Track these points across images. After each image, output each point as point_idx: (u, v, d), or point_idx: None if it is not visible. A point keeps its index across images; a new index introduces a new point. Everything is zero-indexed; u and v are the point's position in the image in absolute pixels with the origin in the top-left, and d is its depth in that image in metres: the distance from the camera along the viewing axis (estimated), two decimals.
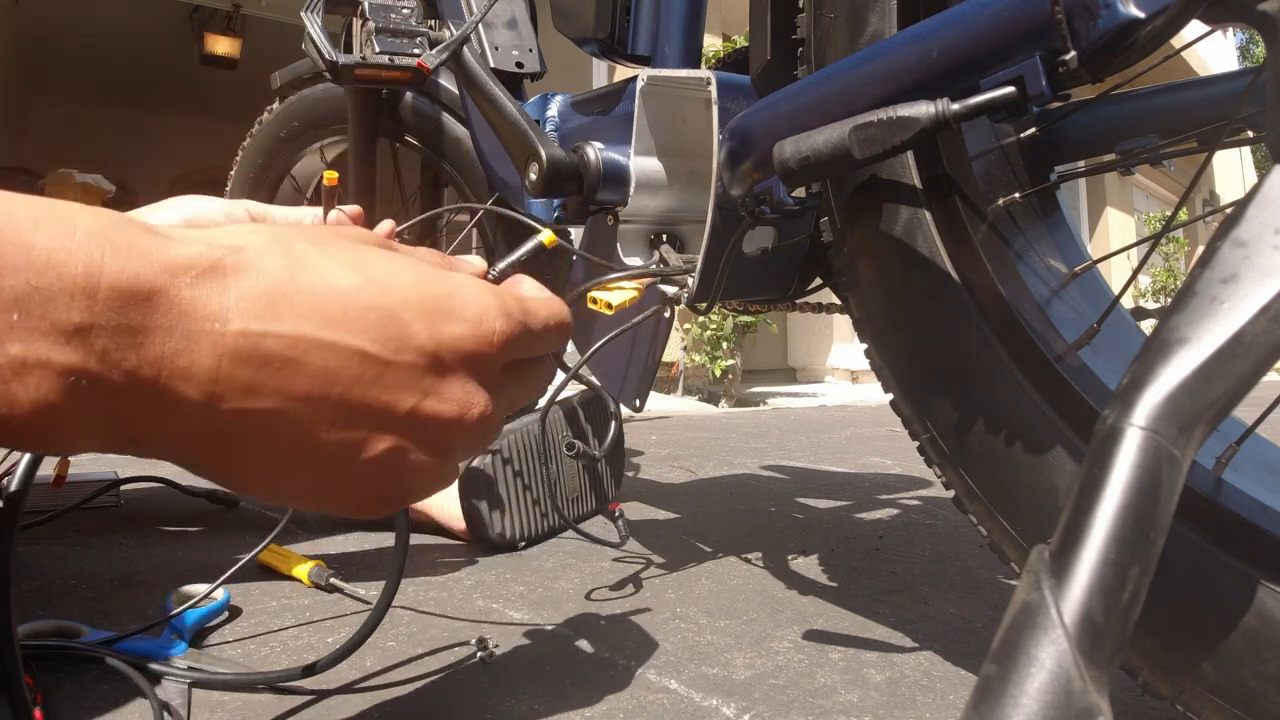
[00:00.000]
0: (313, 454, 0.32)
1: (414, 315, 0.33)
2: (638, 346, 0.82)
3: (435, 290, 0.34)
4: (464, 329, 0.34)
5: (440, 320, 0.33)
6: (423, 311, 0.33)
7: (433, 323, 0.33)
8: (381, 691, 0.56)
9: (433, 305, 0.33)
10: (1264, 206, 0.33)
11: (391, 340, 0.32)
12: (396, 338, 0.32)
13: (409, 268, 0.34)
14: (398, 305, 0.32)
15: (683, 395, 4.07)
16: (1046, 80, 0.38)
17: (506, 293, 0.37)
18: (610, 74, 4.12)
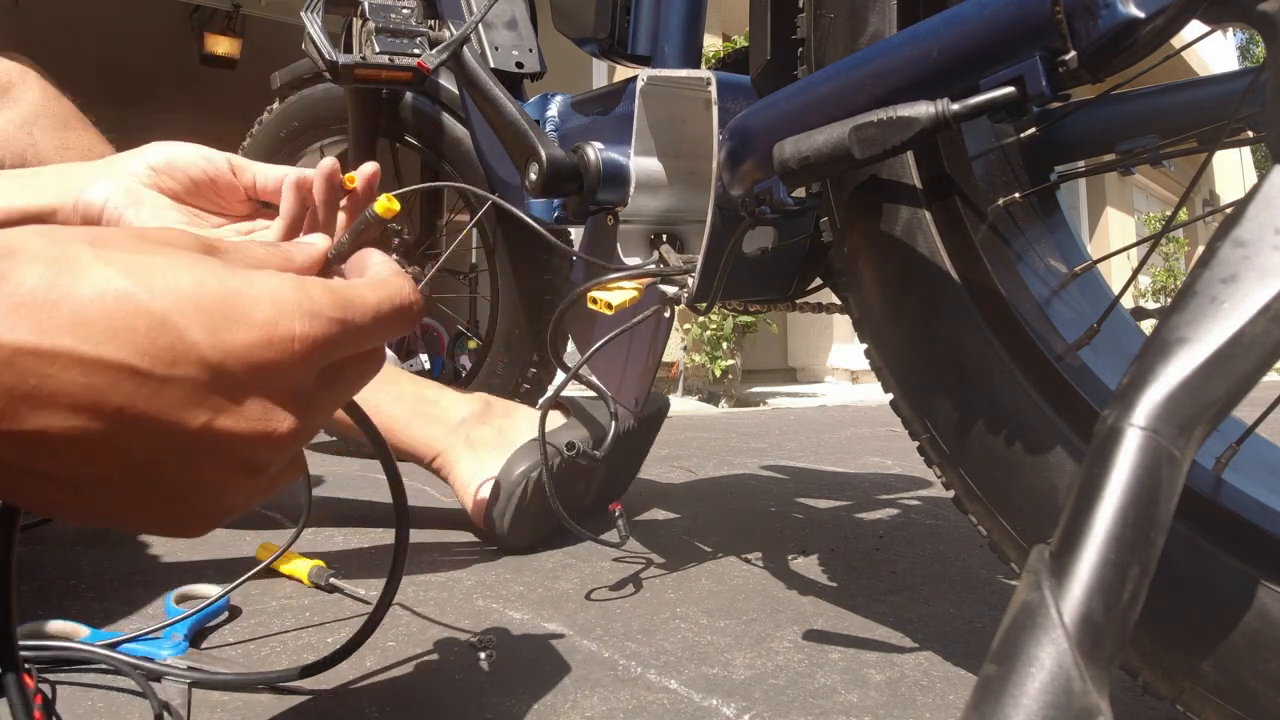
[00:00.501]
0: (106, 481, 0.29)
1: (191, 322, 0.28)
2: (638, 347, 0.82)
3: (218, 290, 0.29)
4: (254, 335, 0.29)
5: (224, 327, 0.28)
6: (202, 317, 0.28)
7: (214, 330, 0.28)
8: (381, 691, 0.56)
9: (214, 309, 0.28)
10: (1264, 206, 0.33)
11: (164, 352, 0.27)
12: (170, 349, 0.27)
13: (191, 266, 0.29)
14: (170, 311, 0.28)
15: (683, 395, 4.07)
16: (1046, 80, 0.38)
17: (315, 287, 0.31)
18: (610, 74, 4.12)
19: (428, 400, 0.95)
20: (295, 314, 0.30)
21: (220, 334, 0.28)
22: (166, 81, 6.29)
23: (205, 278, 0.29)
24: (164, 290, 0.28)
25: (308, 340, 0.30)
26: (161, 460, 0.29)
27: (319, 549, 0.90)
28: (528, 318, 1.13)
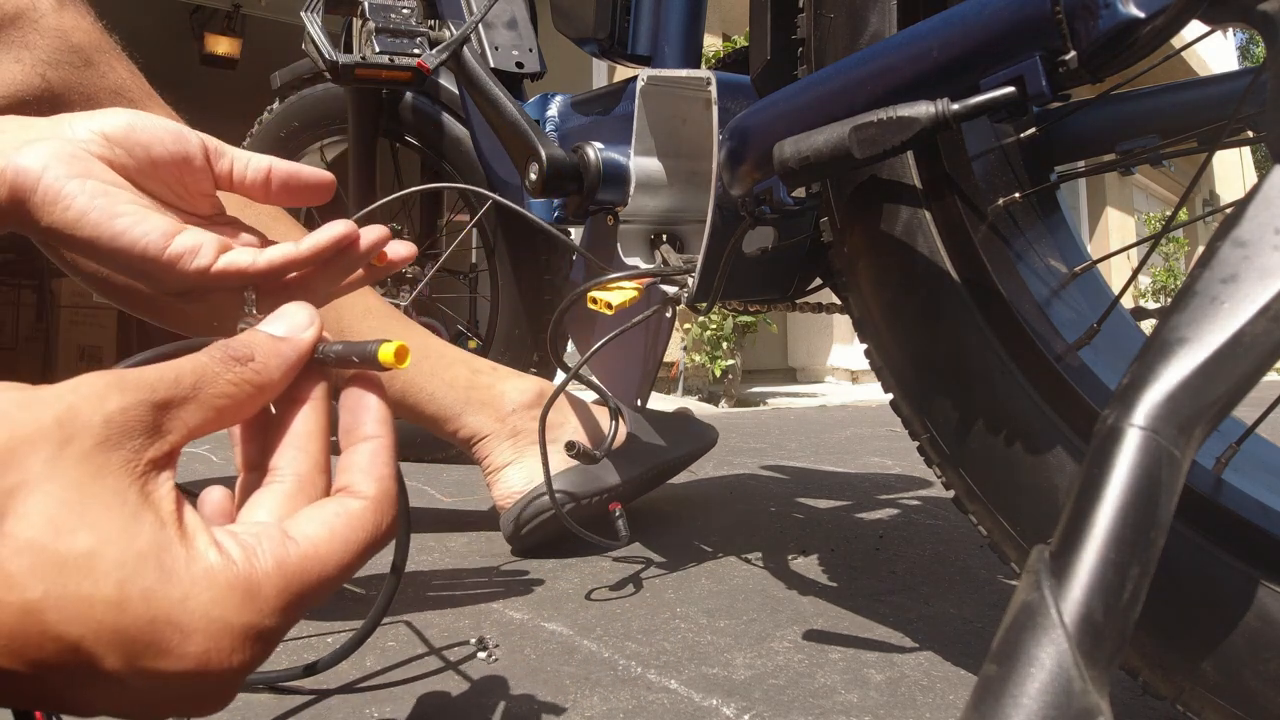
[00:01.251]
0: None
1: (108, 648, 0.23)
2: (639, 347, 0.82)
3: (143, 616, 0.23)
4: (184, 665, 0.24)
5: (148, 656, 0.24)
6: (120, 644, 0.23)
7: (135, 659, 0.24)
8: (381, 691, 0.56)
9: (139, 636, 0.23)
10: (1264, 206, 0.33)
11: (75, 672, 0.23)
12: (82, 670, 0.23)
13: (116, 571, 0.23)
14: (87, 635, 0.23)
15: (683, 395, 4.07)
16: (1046, 80, 0.38)
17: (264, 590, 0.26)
18: (610, 74, 4.12)
19: (481, 386, 0.92)
20: (233, 645, 0.25)
21: (143, 663, 0.24)
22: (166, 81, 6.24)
23: (129, 596, 0.23)
24: (77, 613, 0.23)
25: (249, 662, 0.26)
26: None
27: None
28: (528, 318, 1.13)
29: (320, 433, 0.32)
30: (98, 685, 0.24)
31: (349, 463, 0.31)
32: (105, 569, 0.23)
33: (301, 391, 0.32)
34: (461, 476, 1.35)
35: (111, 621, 0.23)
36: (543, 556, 0.90)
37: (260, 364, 0.29)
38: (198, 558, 0.25)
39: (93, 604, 0.23)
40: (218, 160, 0.41)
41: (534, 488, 0.88)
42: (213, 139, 0.41)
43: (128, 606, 0.23)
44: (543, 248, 1.11)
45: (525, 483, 0.89)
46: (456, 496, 1.23)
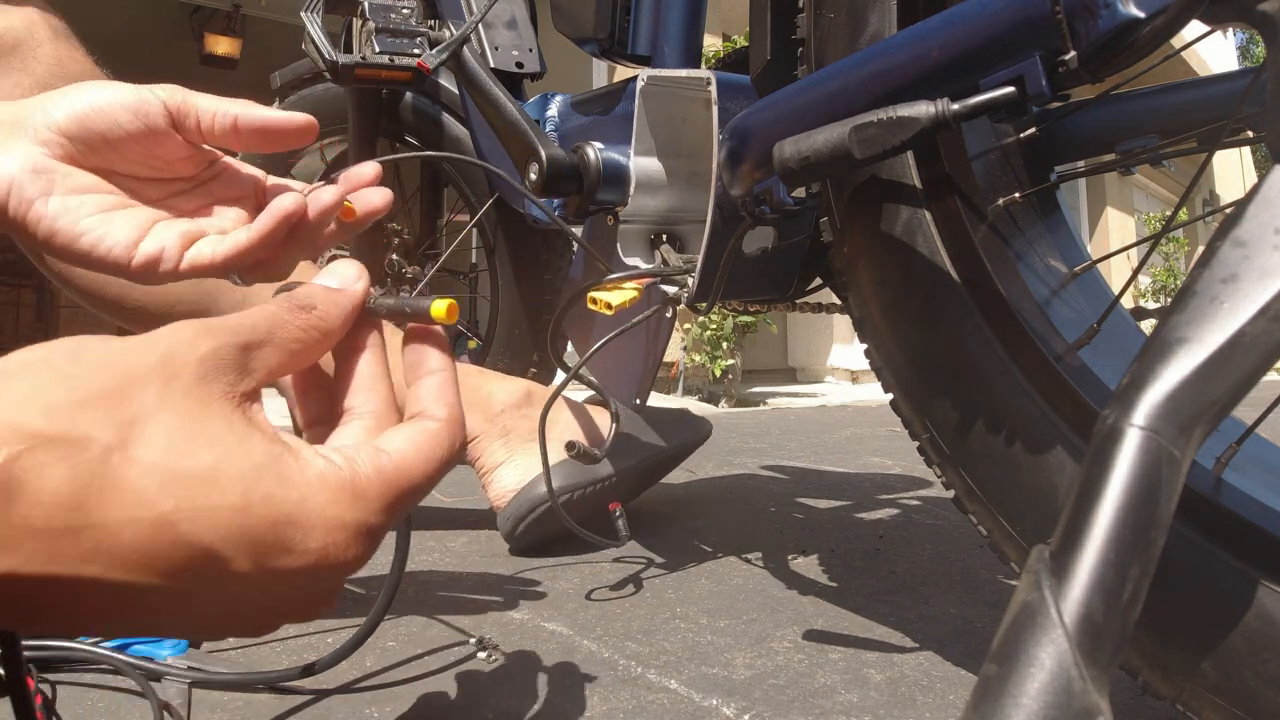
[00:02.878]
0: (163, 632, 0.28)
1: (237, 549, 0.26)
2: (638, 347, 0.82)
3: (266, 518, 0.26)
4: (306, 561, 0.27)
5: (273, 554, 0.26)
6: (249, 545, 0.26)
7: (263, 557, 0.26)
8: (381, 691, 0.56)
9: (265, 537, 0.26)
10: (1264, 206, 0.33)
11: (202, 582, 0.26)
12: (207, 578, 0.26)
13: (240, 480, 0.26)
14: (217, 541, 0.25)
15: (683, 395, 4.07)
16: (1046, 80, 0.38)
17: (369, 492, 0.29)
18: (610, 74, 4.12)
19: (468, 388, 0.94)
20: (348, 540, 0.28)
21: (269, 562, 0.26)
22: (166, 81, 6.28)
23: (253, 498, 0.26)
24: (208, 521, 0.25)
25: (361, 557, 0.29)
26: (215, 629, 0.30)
27: None
28: (528, 318, 1.13)
29: (384, 375, 0.34)
30: (225, 590, 0.26)
31: (418, 394, 0.33)
32: (228, 480, 0.25)
33: (359, 340, 0.34)
34: (461, 477, 1.35)
35: (239, 525, 0.25)
36: (543, 556, 0.90)
37: (322, 311, 0.32)
38: (308, 465, 0.27)
39: (220, 511, 0.25)
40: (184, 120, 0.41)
41: (527, 484, 0.88)
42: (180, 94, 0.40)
43: (252, 511, 0.26)
44: (542, 248, 1.11)
45: (519, 481, 0.89)
46: (456, 496, 1.23)
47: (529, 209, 0.91)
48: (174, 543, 0.25)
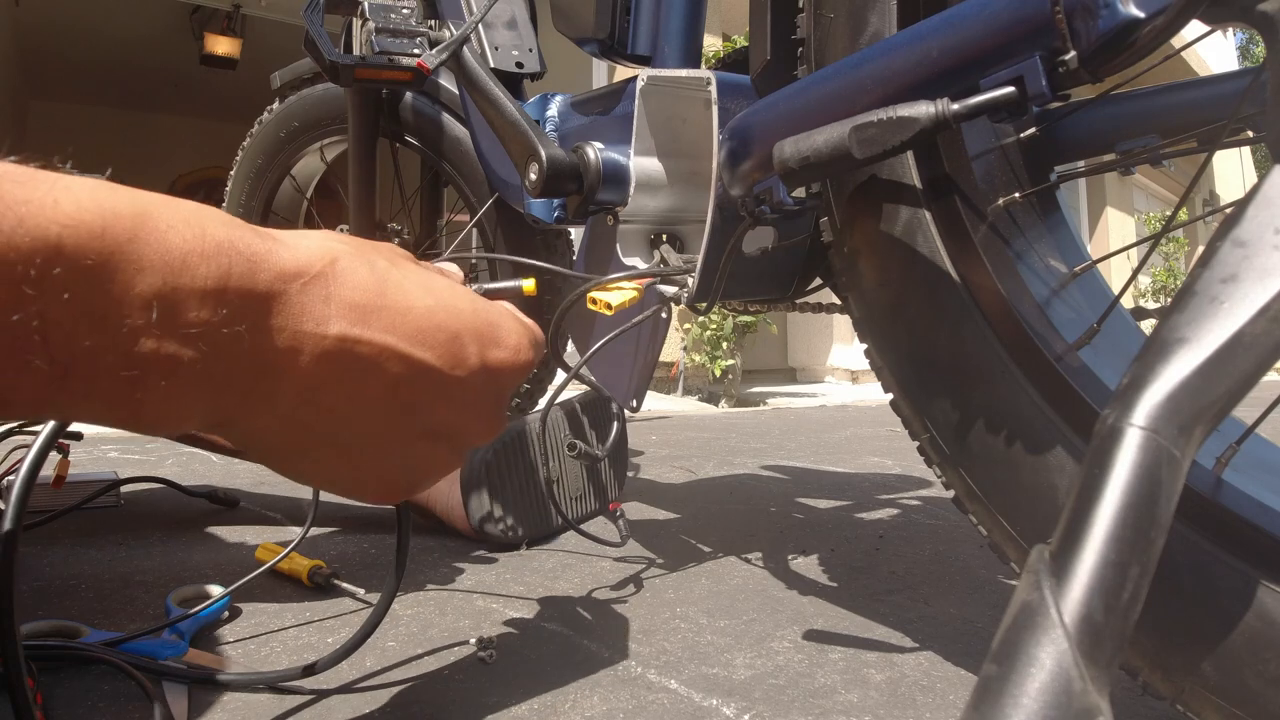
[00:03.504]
0: (369, 447, 0.36)
1: (471, 339, 0.38)
2: (636, 347, 0.82)
3: (487, 319, 0.39)
4: (506, 355, 0.39)
5: (489, 346, 0.38)
6: (477, 336, 0.38)
7: (484, 347, 0.38)
8: (381, 691, 0.56)
9: (485, 332, 0.38)
10: (1264, 206, 0.33)
11: (452, 358, 0.37)
12: (456, 356, 0.37)
13: (465, 296, 0.39)
14: (461, 329, 0.37)
15: (683, 395, 4.07)
16: (1046, 80, 0.38)
17: (533, 325, 0.41)
18: (610, 74, 4.12)
19: None
20: (528, 345, 0.40)
21: (487, 351, 0.38)
22: (166, 82, 6.29)
23: (477, 306, 0.39)
24: (455, 311, 0.37)
25: (529, 364, 0.40)
26: (416, 440, 0.37)
27: (319, 549, 0.90)
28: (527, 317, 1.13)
29: None
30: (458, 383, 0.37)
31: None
32: (459, 295, 0.38)
33: None
34: None
35: (470, 319, 0.38)
36: (543, 556, 0.90)
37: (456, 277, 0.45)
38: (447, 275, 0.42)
39: (460, 310, 0.37)
40: None
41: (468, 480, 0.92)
42: None
43: (477, 313, 0.38)
44: (542, 248, 1.11)
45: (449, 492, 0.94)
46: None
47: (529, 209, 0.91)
48: (438, 326, 0.36)
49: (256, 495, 1.17)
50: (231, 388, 0.31)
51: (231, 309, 0.30)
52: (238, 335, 0.30)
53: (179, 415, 0.30)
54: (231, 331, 0.30)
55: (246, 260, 0.30)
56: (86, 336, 0.27)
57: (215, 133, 6.22)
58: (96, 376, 0.28)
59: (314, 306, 0.32)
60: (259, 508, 1.10)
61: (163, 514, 1.04)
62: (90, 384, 0.28)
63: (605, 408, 1.06)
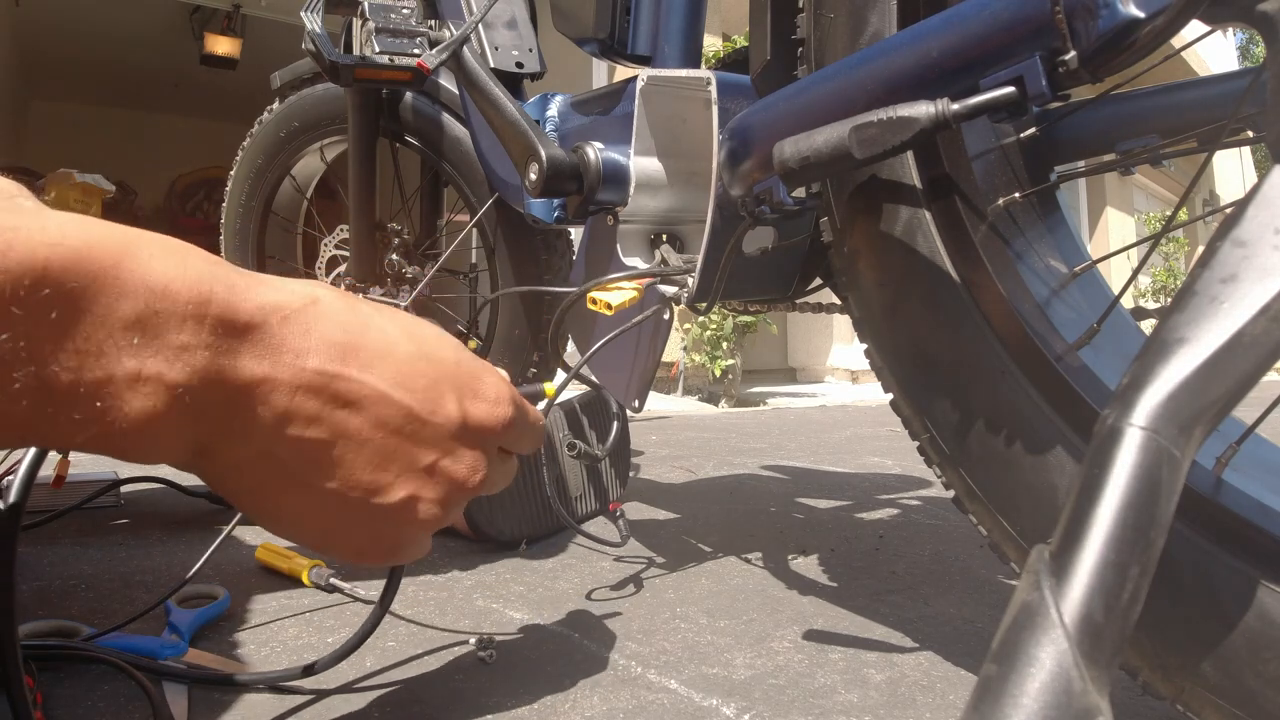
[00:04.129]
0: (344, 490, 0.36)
1: (450, 387, 0.38)
2: (638, 347, 0.82)
3: (468, 370, 0.40)
4: (485, 408, 0.40)
5: (469, 396, 0.39)
6: (457, 385, 0.39)
7: (463, 397, 0.39)
8: (381, 691, 0.56)
9: (466, 383, 0.39)
10: (1264, 206, 0.33)
11: (431, 404, 0.37)
12: (435, 402, 0.37)
13: (451, 346, 0.40)
14: (442, 377, 0.38)
15: (683, 395, 4.07)
16: (1046, 80, 0.38)
17: (512, 387, 0.42)
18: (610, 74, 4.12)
19: None
20: (507, 401, 0.41)
21: (466, 400, 0.39)
22: (166, 82, 6.29)
23: (461, 357, 0.40)
24: (437, 360, 0.38)
25: (508, 420, 0.41)
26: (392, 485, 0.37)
27: None
28: (528, 318, 1.13)
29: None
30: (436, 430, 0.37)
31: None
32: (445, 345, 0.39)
33: None
34: None
35: (451, 369, 0.38)
36: (543, 556, 0.90)
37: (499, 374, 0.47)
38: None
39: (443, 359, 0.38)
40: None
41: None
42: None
43: (460, 364, 0.39)
44: (541, 248, 1.11)
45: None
46: None
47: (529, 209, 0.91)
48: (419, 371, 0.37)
49: None
50: (208, 415, 0.32)
51: (211, 336, 0.31)
52: (217, 363, 0.31)
53: (157, 440, 0.31)
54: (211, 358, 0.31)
55: (227, 290, 0.31)
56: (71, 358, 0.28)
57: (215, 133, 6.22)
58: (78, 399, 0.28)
59: (293, 339, 0.33)
60: None
61: (163, 514, 1.04)
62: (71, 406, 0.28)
63: (605, 407, 1.06)
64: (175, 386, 0.30)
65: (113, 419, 0.29)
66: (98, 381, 0.28)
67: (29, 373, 0.27)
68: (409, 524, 0.39)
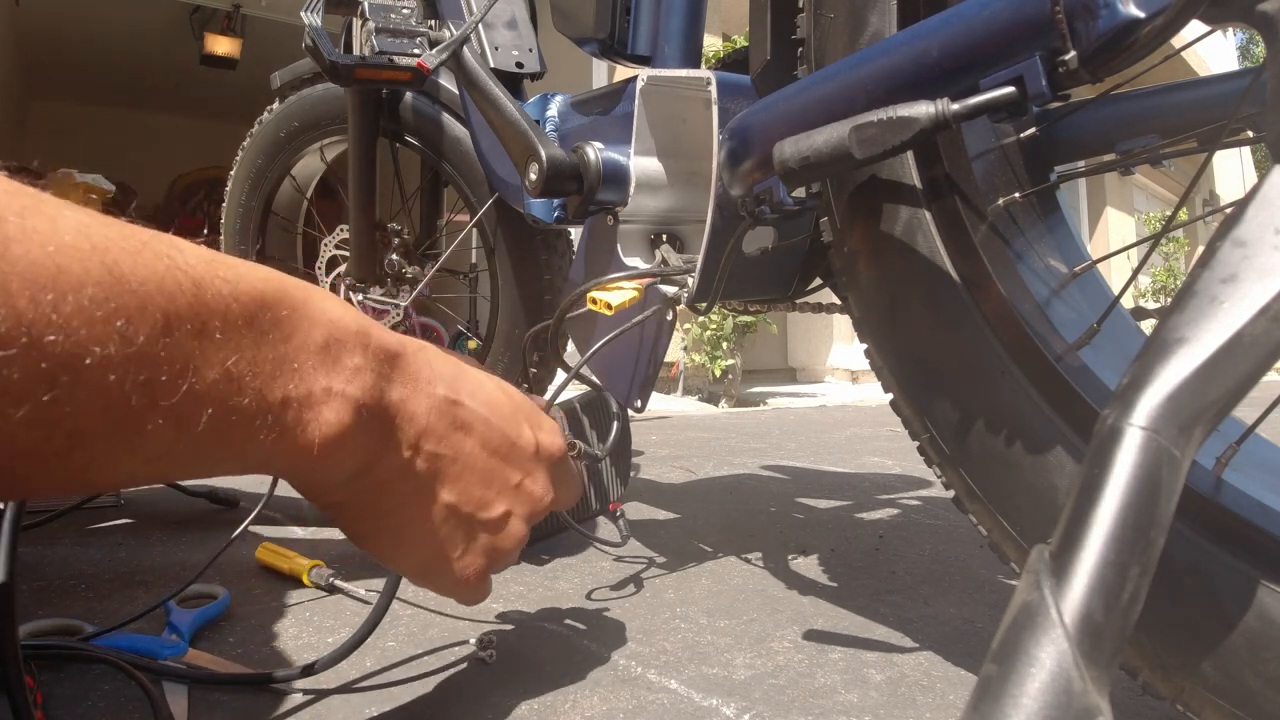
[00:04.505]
0: (459, 504, 0.42)
1: (525, 418, 0.45)
2: (640, 347, 0.82)
3: (531, 405, 0.47)
4: (549, 437, 0.47)
5: (536, 426, 0.46)
6: (528, 418, 0.45)
7: (534, 427, 0.46)
8: (381, 691, 0.56)
9: (532, 416, 0.46)
10: (1264, 206, 0.33)
11: (515, 430, 0.44)
12: (517, 429, 0.44)
13: (511, 388, 0.46)
14: (517, 408, 0.45)
15: (683, 395, 4.07)
16: (1046, 80, 0.38)
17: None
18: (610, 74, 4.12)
19: None
20: (560, 433, 0.48)
21: (536, 430, 0.46)
22: (166, 81, 6.29)
23: (521, 396, 0.47)
24: (510, 394, 0.45)
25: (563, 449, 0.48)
26: (493, 501, 0.43)
27: (319, 549, 0.90)
28: (528, 318, 1.13)
29: None
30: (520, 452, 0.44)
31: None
32: (513, 393, 0.46)
33: None
34: None
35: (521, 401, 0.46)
36: (543, 556, 0.90)
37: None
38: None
39: (515, 395, 0.46)
40: None
41: None
42: None
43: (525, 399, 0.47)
44: (542, 248, 1.11)
45: None
46: None
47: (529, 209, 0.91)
48: (502, 401, 0.44)
49: (256, 495, 1.17)
50: (376, 430, 0.37)
51: (375, 361, 0.37)
52: (380, 385, 0.37)
53: (342, 449, 0.35)
54: (375, 380, 0.37)
55: (374, 326, 0.38)
56: (284, 376, 0.33)
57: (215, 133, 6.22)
58: (286, 412, 0.33)
59: (424, 369, 0.40)
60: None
61: (163, 514, 1.04)
62: (279, 421, 0.33)
63: (606, 407, 1.06)
64: (357, 402, 0.35)
65: (311, 431, 0.33)
66: (301, 398, 0.33)
67: (255, 389, 0.31)
68: (504, 538, 0.44)
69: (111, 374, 0.26)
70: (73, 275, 0.25)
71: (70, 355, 0.25)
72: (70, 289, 0.25)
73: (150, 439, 0.28)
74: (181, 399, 0.28)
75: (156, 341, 0.27)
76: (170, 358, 0.28)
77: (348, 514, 0.40)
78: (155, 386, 0.27)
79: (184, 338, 0.28)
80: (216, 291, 0.30)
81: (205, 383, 0.29)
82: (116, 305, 0.26)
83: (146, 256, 0.28)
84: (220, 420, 0.30)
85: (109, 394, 0.26)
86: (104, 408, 0.26)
